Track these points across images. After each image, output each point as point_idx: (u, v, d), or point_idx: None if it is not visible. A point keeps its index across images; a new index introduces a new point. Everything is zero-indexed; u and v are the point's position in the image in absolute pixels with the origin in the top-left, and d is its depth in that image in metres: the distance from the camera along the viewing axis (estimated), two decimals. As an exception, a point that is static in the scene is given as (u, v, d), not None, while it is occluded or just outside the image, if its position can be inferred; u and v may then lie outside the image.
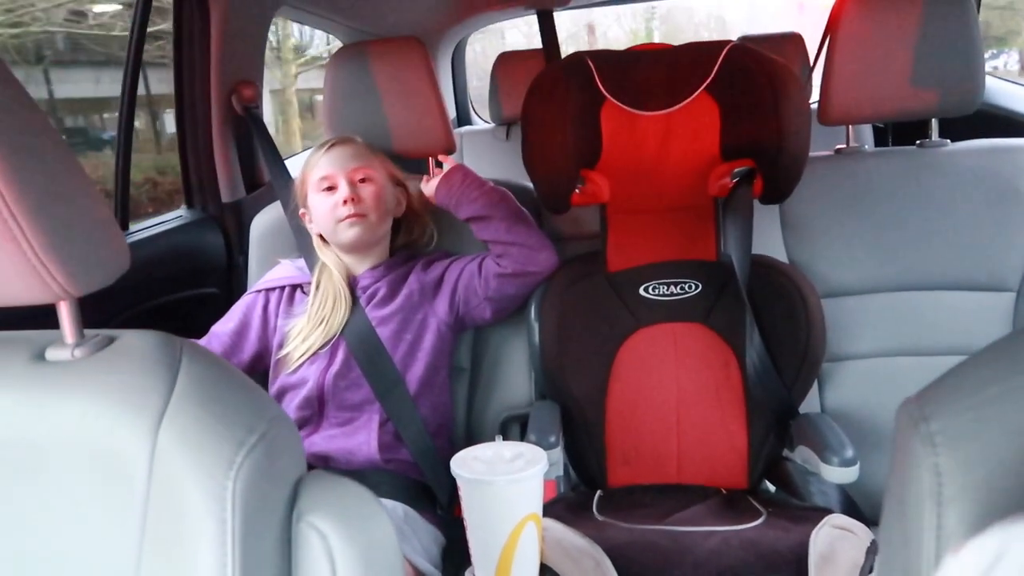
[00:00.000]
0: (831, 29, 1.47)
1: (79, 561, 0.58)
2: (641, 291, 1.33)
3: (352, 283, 1.36)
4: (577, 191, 1.33)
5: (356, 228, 1.32)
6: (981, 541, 0.34)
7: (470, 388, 1.45)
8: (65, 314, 0.62)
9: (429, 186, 1.40)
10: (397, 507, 1.21)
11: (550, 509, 1.05)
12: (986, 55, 1.42)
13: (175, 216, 1.83)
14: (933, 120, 1.43)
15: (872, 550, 0.98)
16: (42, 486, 0.58)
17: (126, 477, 0.56)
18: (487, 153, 2.83)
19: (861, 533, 1.02)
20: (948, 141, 1.42)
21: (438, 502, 1.29)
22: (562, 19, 2.95)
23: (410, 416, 1.28)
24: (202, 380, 0.59)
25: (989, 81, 1.37)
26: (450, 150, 1.55)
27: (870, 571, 0.95)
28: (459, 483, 0.87)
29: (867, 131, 2.56)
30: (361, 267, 1.38)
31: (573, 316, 1.31)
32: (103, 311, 1.42)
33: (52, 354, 0.61)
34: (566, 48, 2.93)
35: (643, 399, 1.32)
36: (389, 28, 2.63)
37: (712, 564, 1.00)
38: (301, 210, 1.41)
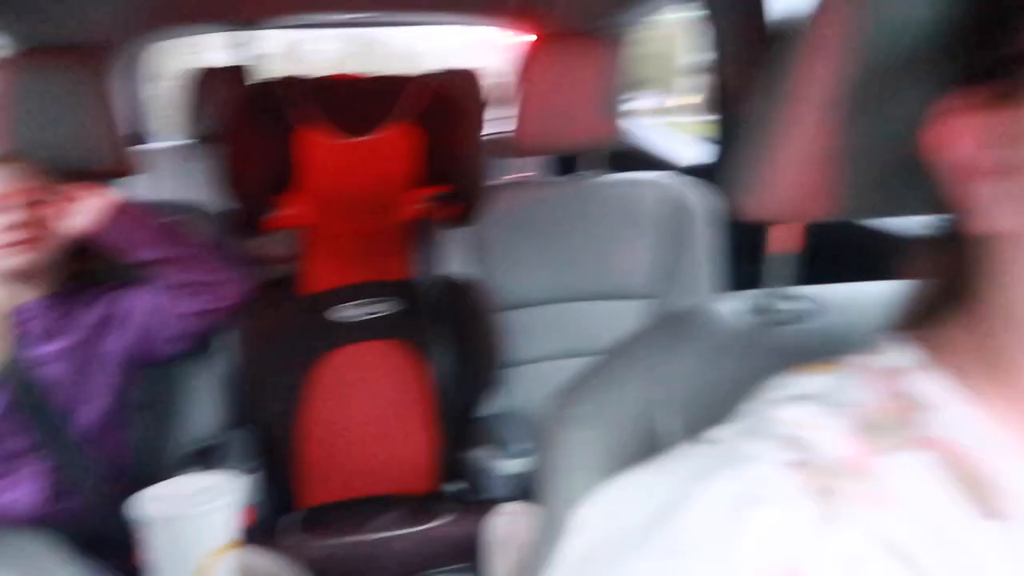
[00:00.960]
0: (519, 72, 1.62)
1: None
2: (336, 312, 1.35)
3: (13, 315, 1.20)
4: (271, 216, 1.32)
5: (15, 259, 1.17)
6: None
7: (152, 425, 1.35)
8: None
9: (74, 223, 1.21)
10: (65, 559, 1.08)
11: (248, 536, 1.02)
12: (632, 96, 1.66)
13: None
14: (591, 154, 1.63)
15: (541, 527, 1.11)
16: None
17: None
18: (171, 172, 2.64)
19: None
20: (602, 173, 1.64)
21: (116, 553, 1.17)
22: (263, 39, 2.86)
23: (82, 463, 1.17)
24: None
25: (633, 122, 1.61)
26: (127, 171, 1.43)
27: None
28: (141, 525, 0.82)
29: (541, 160, 2.83)
30: (24, 298, 1.22)
31: (267, 340, 1.30)
32: None
33: None
34: (274, 64, 2.85)
35: (339, 418, 1.33)
36: (64, 36, 2.34)
37: (406, 564, 1.07)
38: None
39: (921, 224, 0.42)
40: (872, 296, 0.60)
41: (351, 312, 1.36)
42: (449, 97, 1.32)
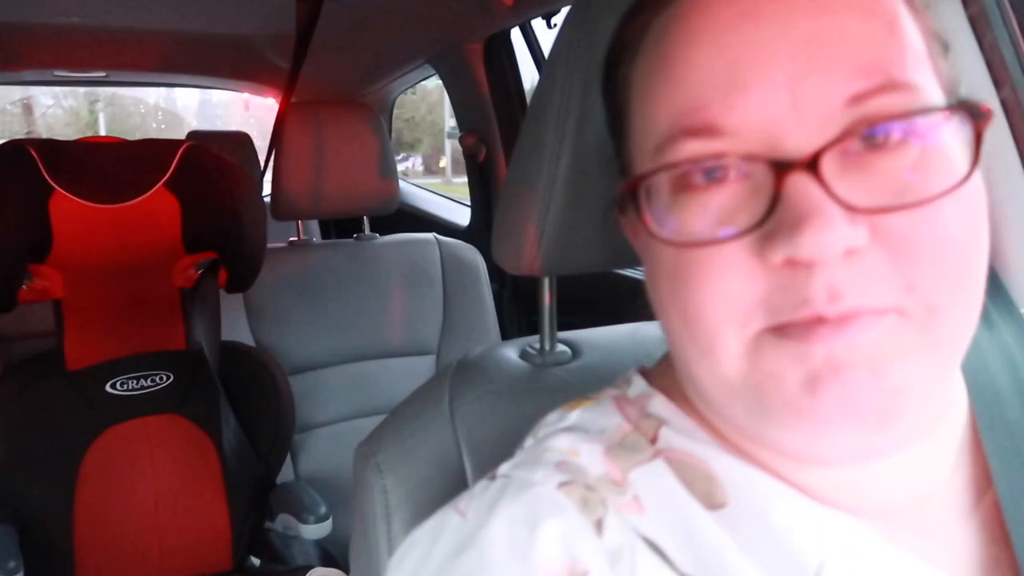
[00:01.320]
0: (276, 137, 1.65)
1: None
2: (107, 388, 1.27)
3: None
4: (25, 287, 1.23)
5: None
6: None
7: None
8: None
9: None
10: None
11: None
12: (397, 159, 1.76)
13: None
14: (364, 217, 1.69)
15: (347, 587, 1.11)
16: None
17: None
18: None
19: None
20: (377, 235, 1.71)
21: None
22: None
23: None
24: None
25: (403, 184, 1.70)
26: None
27: None
28: None
29: (314, 223, 2.84)
30: None
31: (28, 424, 1.19)
32: None
33: None
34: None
35: (118, 501, 1.25)
36: None
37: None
38: None
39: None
40: (621, 336, 0.72)
41: (124, 386, 1.28)
42: (215, 161, 1.31)
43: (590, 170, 0.56)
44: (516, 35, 1.87)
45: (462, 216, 2.34)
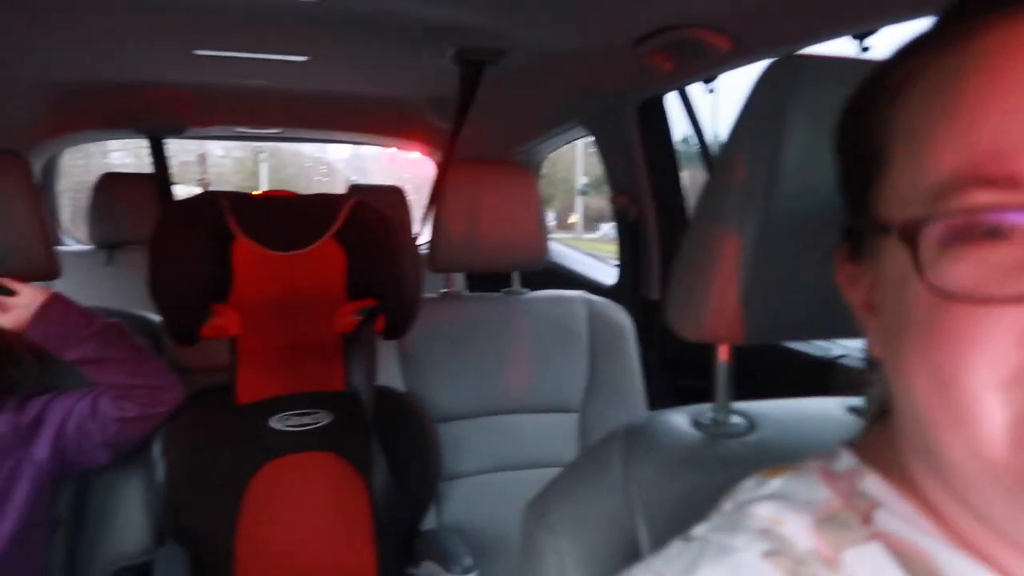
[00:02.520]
0: (435, 194, 1.72)
1: None
2: (271, 423, 1.34)
3: None
4: (206, 324, 1.32)
5: None
6: None
7: (71, 541, 1.27)
8: None
9: (9, 318, 1.17)
10: None
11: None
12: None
13: None
14: (515, 272, 1.73)
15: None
16: None
17: None
18: (86, 277, 2.56)
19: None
20: (526, 290, 1.73)
21: None
22: (172, 145, 2.88)
23: None
24: None
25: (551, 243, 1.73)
26: (53, 274, 1.40)
27: None
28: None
29: (460, 276, 2.93)
30: None
31: (201, 451, 1.27)
32: None
33: None
34: (175, 168, 2.86)
35: (275, 533, 1.30)
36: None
37: None
38: None
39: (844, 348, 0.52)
40: (799, 411, 0.69)
41: (287, 422, 1.35)
42: (378, 215, 1.38)
43: (783, 234, 0.55)
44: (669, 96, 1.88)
45: (605, 275, 2.34)
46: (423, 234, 1.94)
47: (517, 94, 1.95)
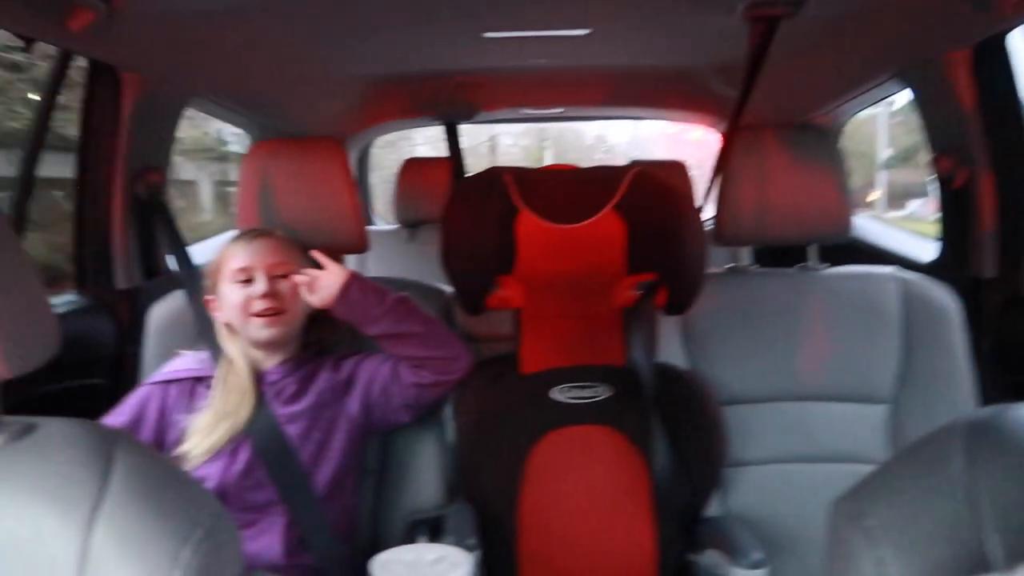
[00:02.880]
0: (721, 164, 1.62)
1: None
2: (552, 394, 1.36)
3: (259, 378, 1.31)
4: (493, 295, 1.37)
5: (272, 328, 1.27)
6: None
7: (377, 490, 1.40)
8: None
9: (316, 297, 1.28)
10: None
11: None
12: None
13: (64, 301, 1.72)
14: (812, 246, 1.57)
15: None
16: None
17: None
18: (390, 253, 2.85)
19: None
20: (825, 265, 1.56)
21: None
22: (464, 132, 3.09)
23: (318, 519, 1.22)
24: (140, 472, 0.55)
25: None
26: (361, 249, 1.55)
27: None
28: (382, 587, 0.84)
29: (746, 250, 2.77)
30: (269, 362, 1.33)
31: (488, 416, 1.32)
32: None
33: None
34: (469, 156, 3.06)
35: (555, 502, 1.32)
36: (300, 127, 2.66)
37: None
38: (209, 297, 1.36)
39: None
40: None
41: (568, 394, 1.35)
42: (660, 186, 1.32)
43: None
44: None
45: (921, 250, 2.05)
46: (707, 209, 1.84)
47: (815, 50, 1.75)
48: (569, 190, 1.36)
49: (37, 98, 1.77)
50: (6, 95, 3.47)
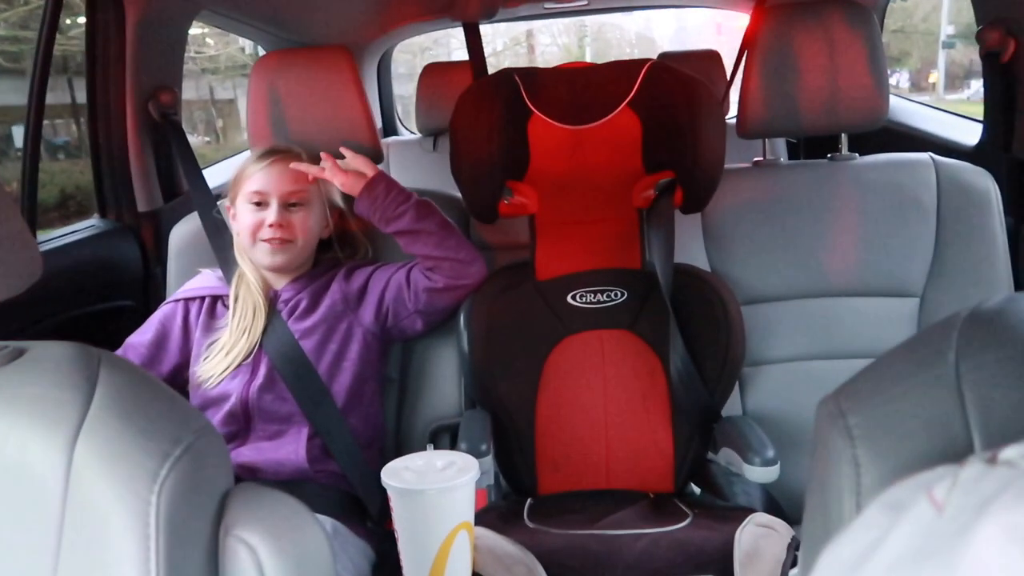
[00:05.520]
0: (747, 47, 1.53)
1: None
2: (569, 299, 1.35)
3: (272, 296, 1.34)
4: (505, 201, 1.36)
5: (277, 256, 1.30)
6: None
7: (399, 398, 1.44)
8: None
9: (342, 181, 1.30)
10: (326, 521, 1.19)
11: (481, 517, 1.05)
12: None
13: (87, 226, 1.75)
14: (843, 135, 1.49)
15: (793, 545, 1.02)
16: None
17: (39, 496, 0.54)
18: (414, 164, 2.82)
19: (783, 530, 1.06)
20: (857, 155, 1.49)
21: (368, 515, 1.27)
22: (500, 33, 2.98)
23: (339, 429, 1.26)
24: (122, 390, 0.57)
25: (891, 99, 1.45)
26: (377, 159, 1.54)
27: (792, 565, 0.99)
28: (390, 493, 0.86)
29: (781, 144, 2.66)
30: (281, 281, 1.36)
31: (503, 324, 1.32)
32: (7, 327, 1.35)
33: None
34: (505, 59, 2.96)
35: (572, 406, 1.33)
36: (313, 37, 2.60)
37: (642, 566, 1.03)
38: (228, 205, 1.37)
39: None
40: None
41: (584, 299, 1.35)
42: (675, 78, 1.27)
43: None
44: None
45: (965, 134, 1.94)
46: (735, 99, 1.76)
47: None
48: (582, 89, 1.31)
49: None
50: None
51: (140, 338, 1.32)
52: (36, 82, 1.57)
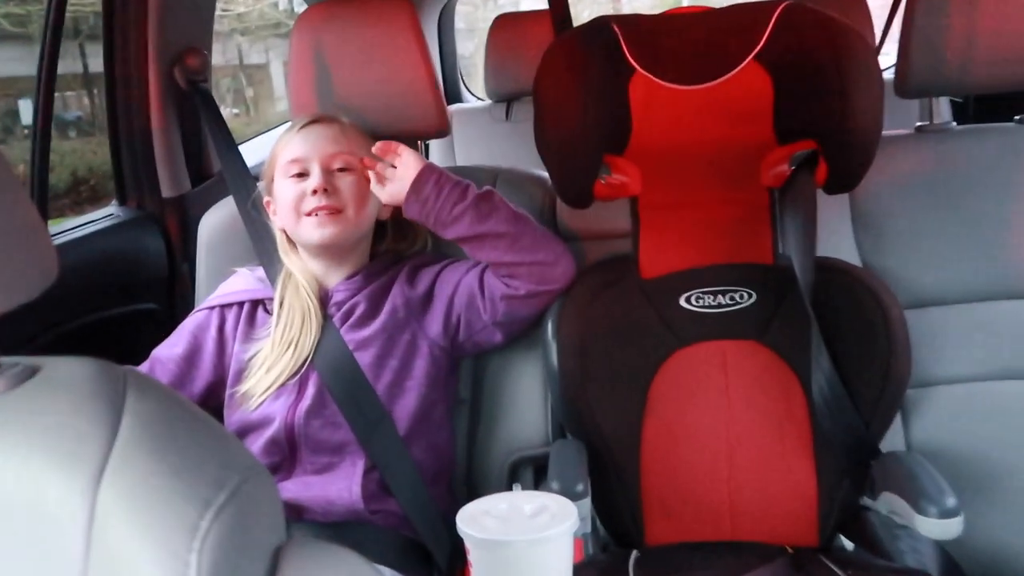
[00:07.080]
0: None
1: None
2: (682, 302, 1.34)
3: (324, 298, 1.34)
4: (602, 181, 1.34)
5: (326, 228, 1.30)
6: None
7: (471, 424, 1.44)
8: None
9: (386, 192, 1.31)
10: (384, 572, 1.19)
11: (578, 574, 1.03)
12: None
13: (104, 215, 1.81)
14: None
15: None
16: None
17: (58, 543, 0.53)
18: (483, 136, 2.83)
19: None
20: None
21: (435, 565, 1.27)
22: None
23: (400, 460, 1.26)
24: (153, 420, 0.56)
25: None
26: (442, 131, 1.53)
27: None
28: (467, 544, 0.85)
29: (944, 105, 2.56)
30: (334, 277, 1.36)
31: (599, 334, 1.31)
32: (14, 334, 1.39)
33: None
34: (584, 10, 2.94)
35: (687, 435, 1.32)
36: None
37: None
38: (266, 198, 1.39)
39: None
40: None
41: (701, 302, 1.33)
42: (817, 16, 1.21)
43: None
44: None
45: None
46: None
47: None
48: (698, 40, 1.28)
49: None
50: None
51: (169, 351, 1.35)
52: (47, 48, 1.62)
